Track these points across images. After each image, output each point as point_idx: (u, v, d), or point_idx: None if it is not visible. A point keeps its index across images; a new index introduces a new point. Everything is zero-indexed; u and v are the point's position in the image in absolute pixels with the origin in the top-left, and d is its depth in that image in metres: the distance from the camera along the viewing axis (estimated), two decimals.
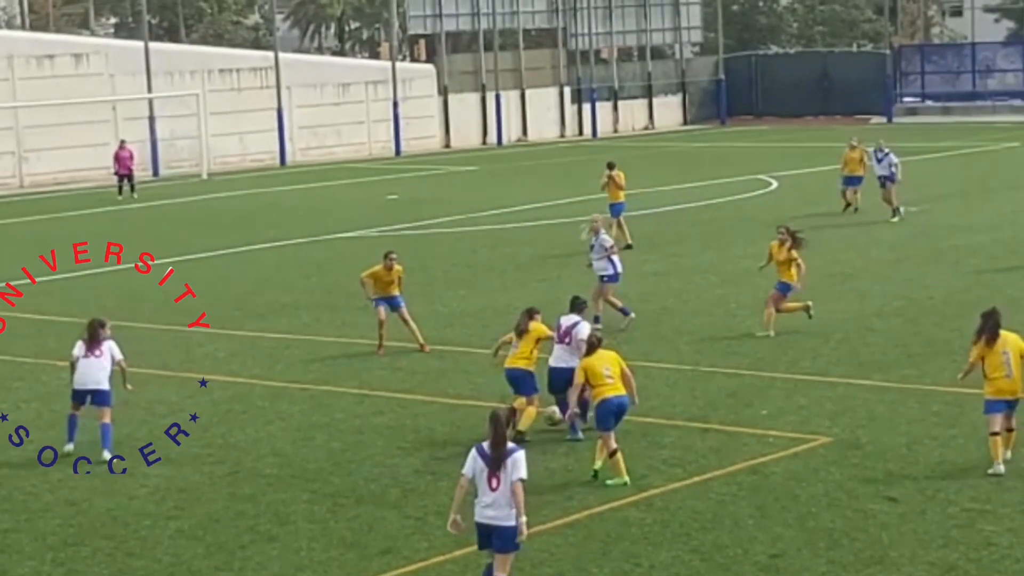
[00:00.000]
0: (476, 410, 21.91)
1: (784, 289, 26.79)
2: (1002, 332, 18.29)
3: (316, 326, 28.74)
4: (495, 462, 14.11)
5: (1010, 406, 18.18)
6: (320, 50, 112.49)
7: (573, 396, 19.17)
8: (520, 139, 78.33)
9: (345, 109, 72.00)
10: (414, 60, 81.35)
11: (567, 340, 20.51)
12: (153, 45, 66.87)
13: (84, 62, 63.74)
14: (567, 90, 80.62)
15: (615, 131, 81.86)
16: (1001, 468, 17.97)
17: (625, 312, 27.78)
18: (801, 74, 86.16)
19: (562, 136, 79.96)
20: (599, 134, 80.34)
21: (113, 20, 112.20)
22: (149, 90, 64.50)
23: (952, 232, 38.52)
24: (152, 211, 51.54)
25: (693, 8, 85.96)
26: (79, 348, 20.56)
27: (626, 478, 18.34)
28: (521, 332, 20.62)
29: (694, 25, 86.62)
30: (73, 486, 18.95)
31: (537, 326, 20.64)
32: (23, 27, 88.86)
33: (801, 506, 17.21)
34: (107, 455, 20.01)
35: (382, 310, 25.96)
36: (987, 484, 17.67)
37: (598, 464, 18.55)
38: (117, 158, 56.25)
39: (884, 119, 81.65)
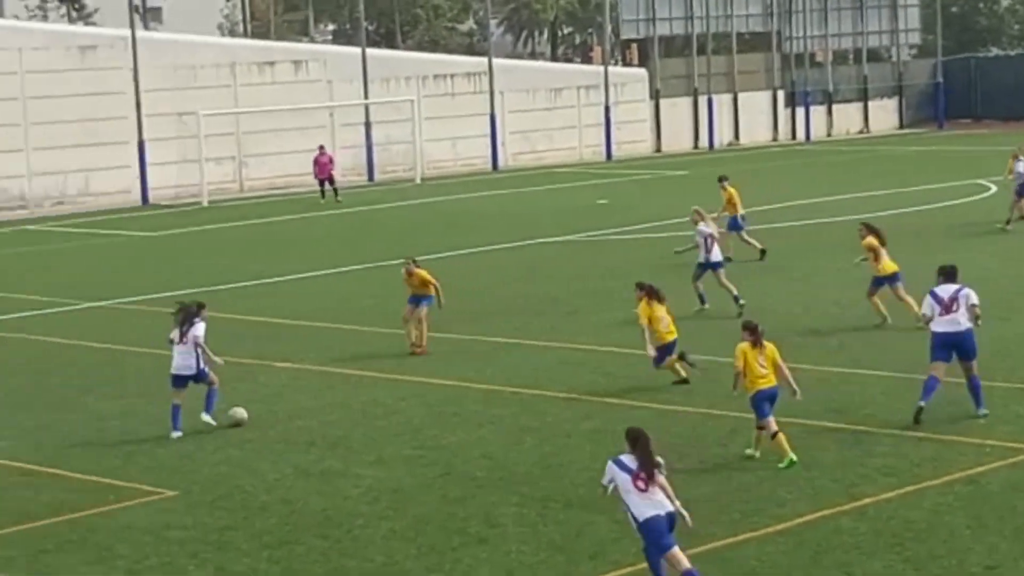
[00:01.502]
0: (685, 416, 21.89)
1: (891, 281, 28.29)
2: None
3: (526, 330, 28.89)
4: (647, 473, 14.75)
5: None
6: (533, 55, 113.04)
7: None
8: (732, 143, 77.88)
9: (557, 114, 72.27)
10: (626, 64, 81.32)
11: (954, 308, 21.27)
12: (370, 51, 67.82)
13: (303, 68, 64.93)
14: (780, 93, 79.98)
15: (828, 135, 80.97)
16: None
17: (703, 300, 29.97)
18: (1022, 76, 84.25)
19: (774, 140, 79.31)
20: (812, 138, 79.52)
21: (331, 27, 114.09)
22: (366, 96, 65.46)
23: None
24: (363, 215, 52.28)
25: (911, 10, 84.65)
26: (173, 334, 22.35)
27: (792, 456, 18.75)
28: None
29: (912, 27, 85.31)
30: (289, 486, 19.33)
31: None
32: (245, 34, 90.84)
33: (1019, 517, 16.86)
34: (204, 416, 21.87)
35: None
36: None
37: (756, 452, 19.24)
38: (316, 163, 57.22)
39: None
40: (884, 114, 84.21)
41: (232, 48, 66.50)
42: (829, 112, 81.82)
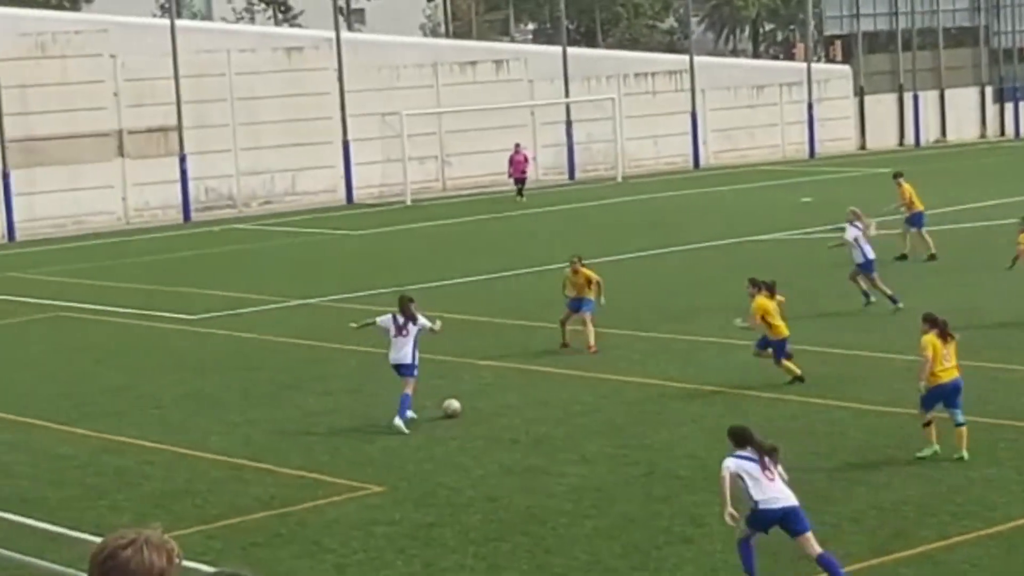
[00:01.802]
0: (893, 417, 21.59)
1: None
2: None
3: (728, 329, 28.68)
4: (767, 462, 15.43)
5: None
6: (735, 52, 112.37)
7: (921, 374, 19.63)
8: (939, 140, 76.58)
9: (759, 111, 71.71)
10: (829, 61, 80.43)
11: None
12: (571, 50, 67.96)
13: (504, 68, 65.30)
14: (988, 89, 78.43)
15: None
16: None
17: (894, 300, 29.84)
18: None
19: (983, 136, 77.81)
20: (1022, 135, 77.87)
21: (532, 26, 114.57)
22: (566, 95, 65.61)
23: None
24: (565, 213, 52.38)
25: None
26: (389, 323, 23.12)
27: (936, 447, 19.20)
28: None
29: None
30: (494, 483, 19.47)
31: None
32: (447, 34, 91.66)
33: None
34: (396, 421, 22.03)
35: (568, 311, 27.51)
36: None
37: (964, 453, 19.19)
38: (512, 162, 57.46)
39: None
40: None
41: (434, 48, 67.14)
42: None
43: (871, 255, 30.68)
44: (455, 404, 23.11)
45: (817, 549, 15.16)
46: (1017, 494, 17.81)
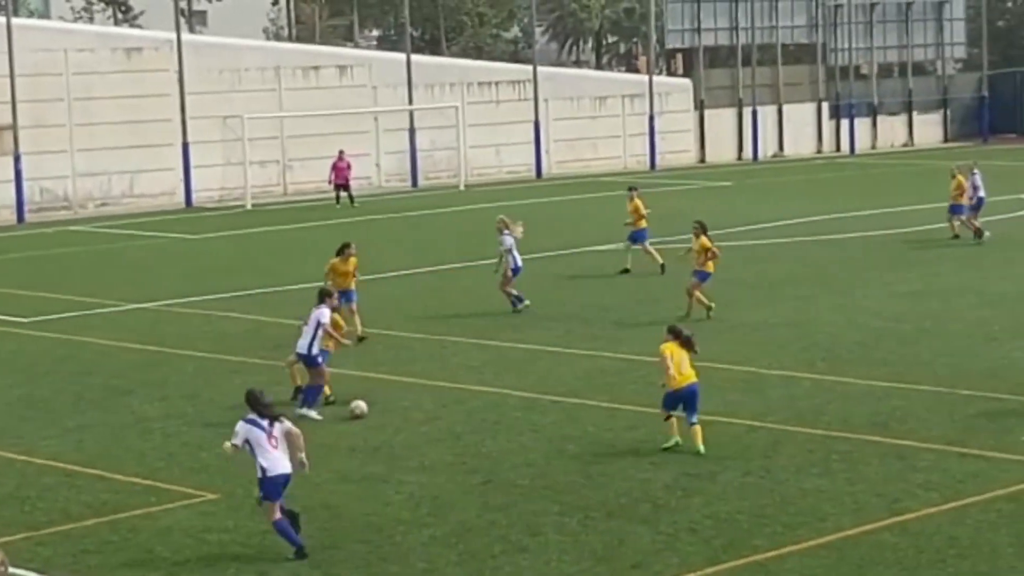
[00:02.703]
0: (729, 427, 21.84)
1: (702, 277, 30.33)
2: None
3: (568, 338, 28.87)
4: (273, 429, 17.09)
5: None
6: (578, 63, 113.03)
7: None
8: (776, 155, 77.69)
9: (601, 122, 72.22)
10: (671, 74, 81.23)
11: None
12: (415, 57, 67.93)
13: (348, 74, 65.08)
14: (825, 105, 79.74)
15: (873, 147, 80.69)
16: None
17: (520, 299, 31.65)
18: None
19: (819, 152, 79.09)
20: (857, 151, 79.25)
21: (376, 33, 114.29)
22: (410, 102, 65.56)
23: None
24: (408, 220, 52.33)
25: (957, 24, 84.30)
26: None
27: (677, 438, 20.57)
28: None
29: (958, 41, 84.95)
30: (331, 491, 19.35)
31: None
32: (290, 38, 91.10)
33: None
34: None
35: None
36: None
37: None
38: (334, 168, 57.28)
39: None
40: (929, 128, 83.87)
41: (277, 52, 66.71)
42: (874, 125, 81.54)
43: (520, 263, 32.04)
44: (362, 405, 23.22)
45: (276, 516, 16.75)
46: (848, 505, 18.08)
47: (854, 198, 54.10)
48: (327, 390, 24.05)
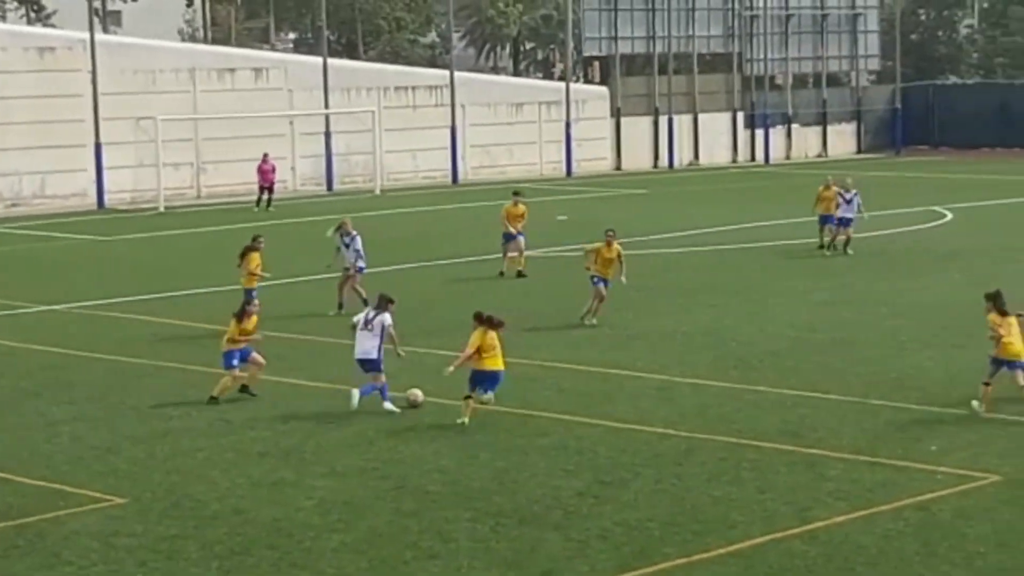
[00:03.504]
0: (641, 434, 21.89)
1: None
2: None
3: None
4: None
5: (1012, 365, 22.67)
6: (495, 70, 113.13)
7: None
8: (691, 163, 78.08)
9: (518, 129, 72.28)
10: (588, 81, 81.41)
11: None
12: (331, 61, 67.70)
13: (264, 76, 64.76)
14: (740, 115, 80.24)
15: (787, 157, 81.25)
16: (979, 406, 22.52)
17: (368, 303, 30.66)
18: (980, 105, 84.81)
19: (734, 161, 79.57)
20: (771, 160, 79.80)
21: (292, 36, 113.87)
22: (326, 106, 65.33)
23: None
24: (320, 225, 52.03)
25: (871, 36, 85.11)
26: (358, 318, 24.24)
27: (466, 418, 22.15)
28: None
29: (871, 53, 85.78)
30: (241, 496, 19.22)
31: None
32: (206, 40, 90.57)
33: (969, 545, 16.90)
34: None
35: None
36: None
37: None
38: (260, 171, 57.11)
39: None
40: (842, 138, 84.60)
41: (192, 54, 66.29)
42: (788, 135, 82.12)
43: (364, 263, 33.05)
44: (419, 395, 23.85)
45: None
46: (757, 513, 18.15)
47: (768, 207, 54.44)
48: (223, 388, 24.25)
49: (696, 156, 78.59)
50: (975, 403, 22.72)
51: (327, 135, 65.44)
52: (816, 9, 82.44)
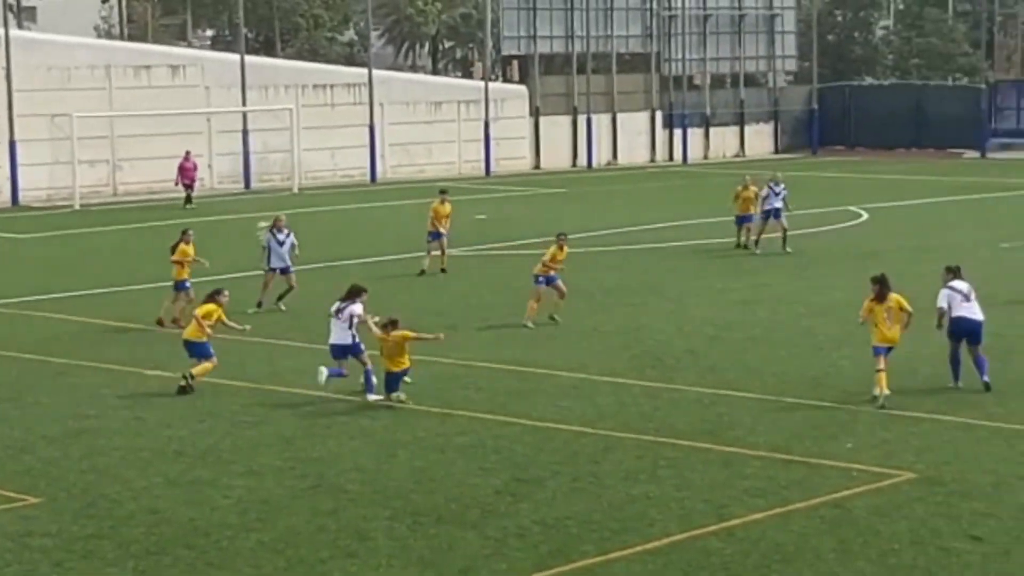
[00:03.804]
0: (559, 433, 21.93)
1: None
2: (889, 294, 23.94)
3: None
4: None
5: (889, 350, 23.79)
6: (414, 68, 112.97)
7: None
8: (610, 163, 78.33)
9: (437, 128, 72.26)
10: (507, 81, 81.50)
11: (972, 298, 24.75)
12: (249, 59, 67.42)
13: (180, 74, 64.39)
14: (659, 115, 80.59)
15: (705, 157, 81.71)
16: (880, 394, 23.34)
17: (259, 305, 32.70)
18: (895, 106, 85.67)
19: (652, 161, 79.89)
20: (689, 160, 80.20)
21: (210, 33, 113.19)
22: (244, 103, 65.03)
23: None
24: (238, 224, 51.85)
25: (788, 37, 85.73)
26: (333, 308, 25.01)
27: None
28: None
29: (788, 54, 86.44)
30: (158, 495, 19.09)
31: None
32: (122, 37, 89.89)
33: (883, 542, 17.05)
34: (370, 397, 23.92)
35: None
36: None
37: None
38: (181, 169, 56.83)
39: (977, 154, 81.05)
40: (760, 138, 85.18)
41: (108, 50, 65.78)
42: (706, 135, 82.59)
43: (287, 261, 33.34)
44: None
45: None
46: (675, 511, 18.23)
47: (686, 207, 54.72)
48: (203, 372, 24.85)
49: (615, 155, 78.86)
50: (876, 392, 23.49)
51: (244, 133, 65.15)
52: (734, 10, 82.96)
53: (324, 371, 24.25)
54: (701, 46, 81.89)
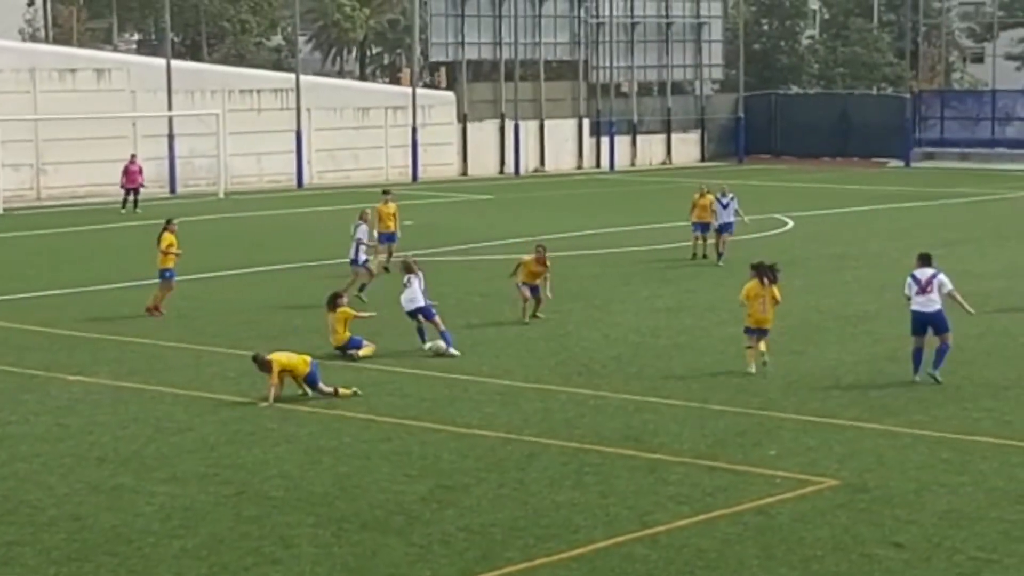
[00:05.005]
0: (484, 439, 21.93)
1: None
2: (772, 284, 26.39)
3: (327, 349, 28.67)
4: None
5: (762, 332, 26.38)
6: (341, 74, 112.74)
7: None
8: (537, 169, 78.45)
9: (364, 133, 72.14)
10: (434, 87, 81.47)
11: (929, 289, 25.39)
12: (175, 63, 67.07)
13: (106, 78, 63.96)
14: (586, 122, 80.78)
15: (632, 165, 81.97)
16: (753, 369, 26.00)
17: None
18: (820, 115, 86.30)
19: (579, 168, 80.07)
20: (616, 167, 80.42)
21: (136, 37, 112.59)
22: (170, 108, 64.70)
23: (966, 278, 38.33)
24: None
25: (715, 45, 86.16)
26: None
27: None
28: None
29: (715, 63, 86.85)
30: (80, 502, 18.94)
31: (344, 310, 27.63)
32: (47, 40, 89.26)
33: (807, 549, 17.14)
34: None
35: None
36: (994, 533, 17.61)
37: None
38: (126, 172, 56.53)
39: (901, 163, 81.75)
40: (686, 146, 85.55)
41: (32, 53, 65.28)
42: (633, 142, 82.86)
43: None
44: (441, 344, 27.93)
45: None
46: (600, 518, 18.26)
47: (612, 214, 54.87)
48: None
49: (542, 162, 78.97)
50: (750, 368, 26.08)
51: (170, 137, 64.81)
52: (661, 18, 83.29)
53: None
54: (628, 54, 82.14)
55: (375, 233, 38.48)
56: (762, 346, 26.38)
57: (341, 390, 24.62)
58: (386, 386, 25.63)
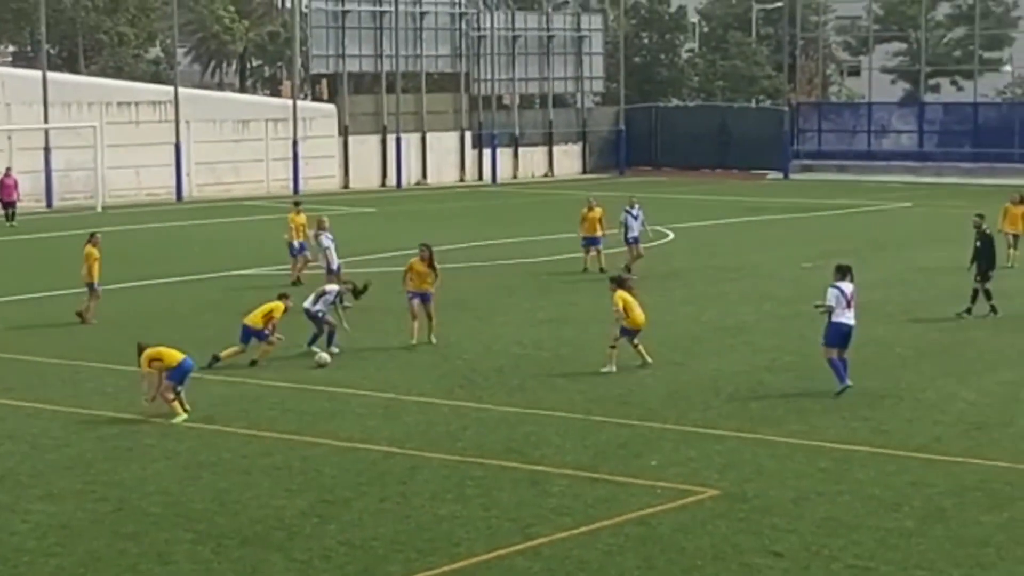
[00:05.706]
0: (366, 453, 21.83)
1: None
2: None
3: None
4: None
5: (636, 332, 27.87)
6: (221, 86, 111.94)
7: None
8: (419, 182, 78.38)
9: (244, 146, 71.71)
10: (316, 99, 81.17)
11: (852, 304, 25.58)
12: (51, 75, 66.30)
13: None
14: (468, 135, 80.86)
15: (515, 177, 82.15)
16: (614, 368, 27.38)
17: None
18: (700, 127, 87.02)
19: (462, 180, 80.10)
20: (499, 180, 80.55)
21: (11, 49, 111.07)
22: (46, 120, 63.94)
23: None
24: (43, 242, 50.97)
25: (595, 58, 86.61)
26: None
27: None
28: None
29: (596, 75, 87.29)
30: None
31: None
32: None
33: (687, 559, 17.22)
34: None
35: None
36: (871, 541, 17.79)
37: None
38: (1, 186, 55.86)
39: (780, 174, 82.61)
40: (568, 159, 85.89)
41: None
42: (515, 155, 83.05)
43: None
44: (325, 357, 28.31)
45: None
46: (482, 530, 18.24)
47: (495, 227, 54.93)
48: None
49: (424, 175, 78.93)
50: (606, 368, 27.33)
51: (47, 150, 64.05)
52: (542, 31, 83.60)
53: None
54: (510, 66, 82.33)
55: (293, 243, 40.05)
56: (641, 348, 28.03)
57: (179, 407, 24.11)
58: (267, 400, 25.45)
